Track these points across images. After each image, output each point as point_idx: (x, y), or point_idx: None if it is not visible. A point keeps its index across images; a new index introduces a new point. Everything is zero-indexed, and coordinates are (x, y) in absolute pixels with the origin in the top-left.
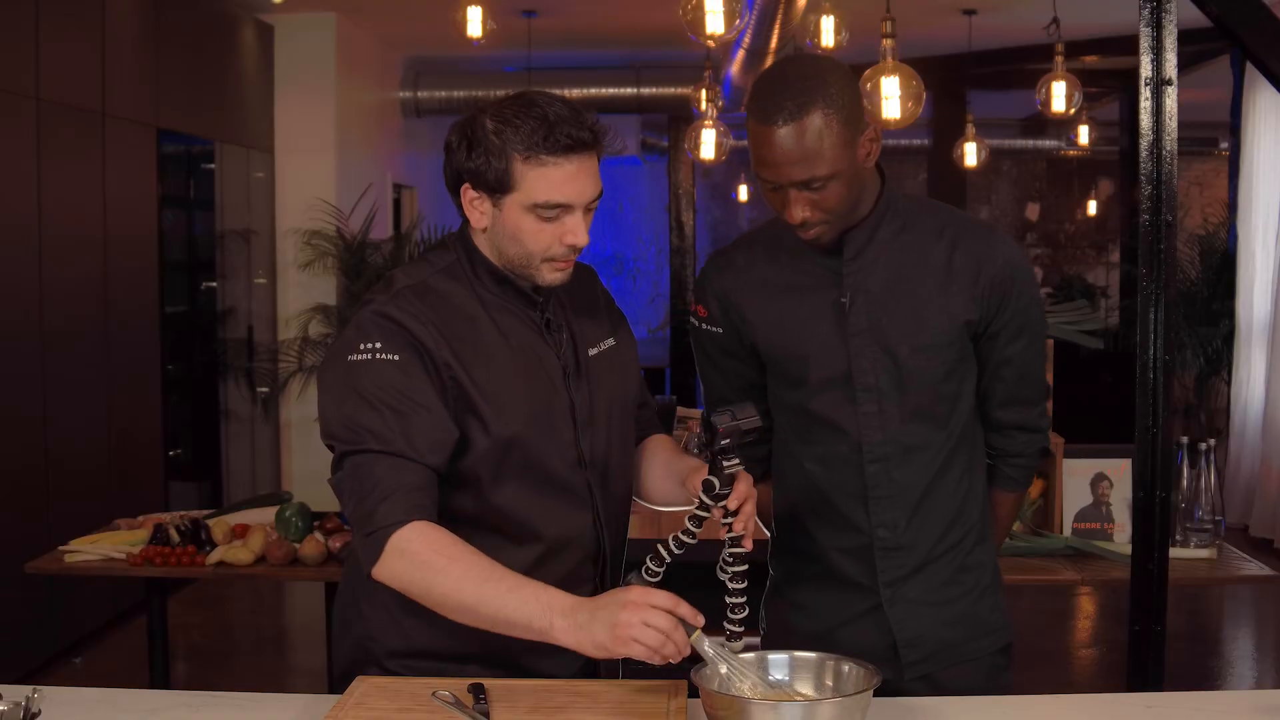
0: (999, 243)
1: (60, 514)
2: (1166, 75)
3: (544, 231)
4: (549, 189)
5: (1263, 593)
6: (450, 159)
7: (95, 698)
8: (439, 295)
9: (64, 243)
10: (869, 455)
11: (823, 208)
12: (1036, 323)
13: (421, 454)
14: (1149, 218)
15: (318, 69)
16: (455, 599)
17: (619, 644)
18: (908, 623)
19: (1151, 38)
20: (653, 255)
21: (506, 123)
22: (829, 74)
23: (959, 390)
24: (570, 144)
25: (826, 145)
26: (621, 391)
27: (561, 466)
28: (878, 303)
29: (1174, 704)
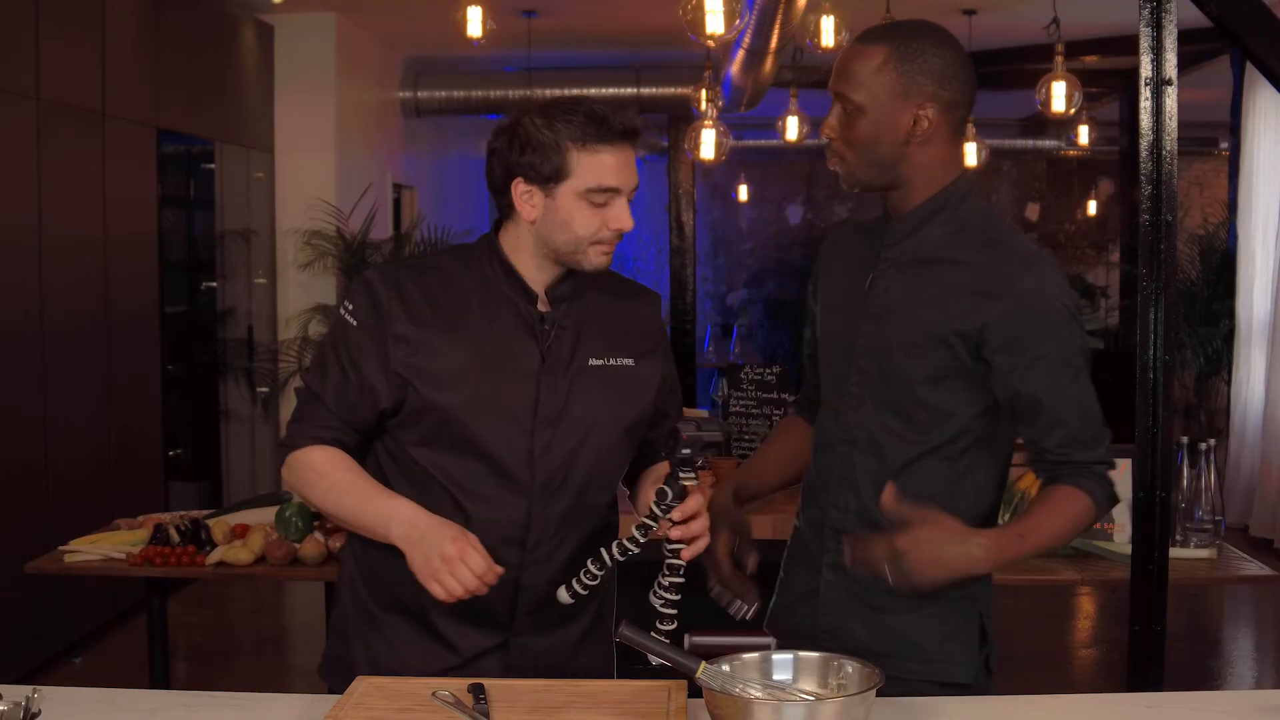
0: (1032, 275)
1: (60, 514)
2: (1166, 75)
3: (594, 216)
4: (602, 174)
5: (1263, 593)
6: (499, 160)
7: (95, 698)
8: (439, 273)
9: (64, 243)
10: (841, 435)
11: (845, 137)
12: (1069, 359)
13: (335, 406)
14: (1149, 218)
15: (318, 69)
16: (326, 508)
17: (424, 577)
18: (833, 610)
19: (1151, 38)
20: (653, 255)
21: (557, 118)
22: (928, 37)
23: (948, 405)
24: (623, 130)
25: (871, 78)
26: (614, 407)
27: (506, 454)
28: (894, 292)
29: (1174, 704)
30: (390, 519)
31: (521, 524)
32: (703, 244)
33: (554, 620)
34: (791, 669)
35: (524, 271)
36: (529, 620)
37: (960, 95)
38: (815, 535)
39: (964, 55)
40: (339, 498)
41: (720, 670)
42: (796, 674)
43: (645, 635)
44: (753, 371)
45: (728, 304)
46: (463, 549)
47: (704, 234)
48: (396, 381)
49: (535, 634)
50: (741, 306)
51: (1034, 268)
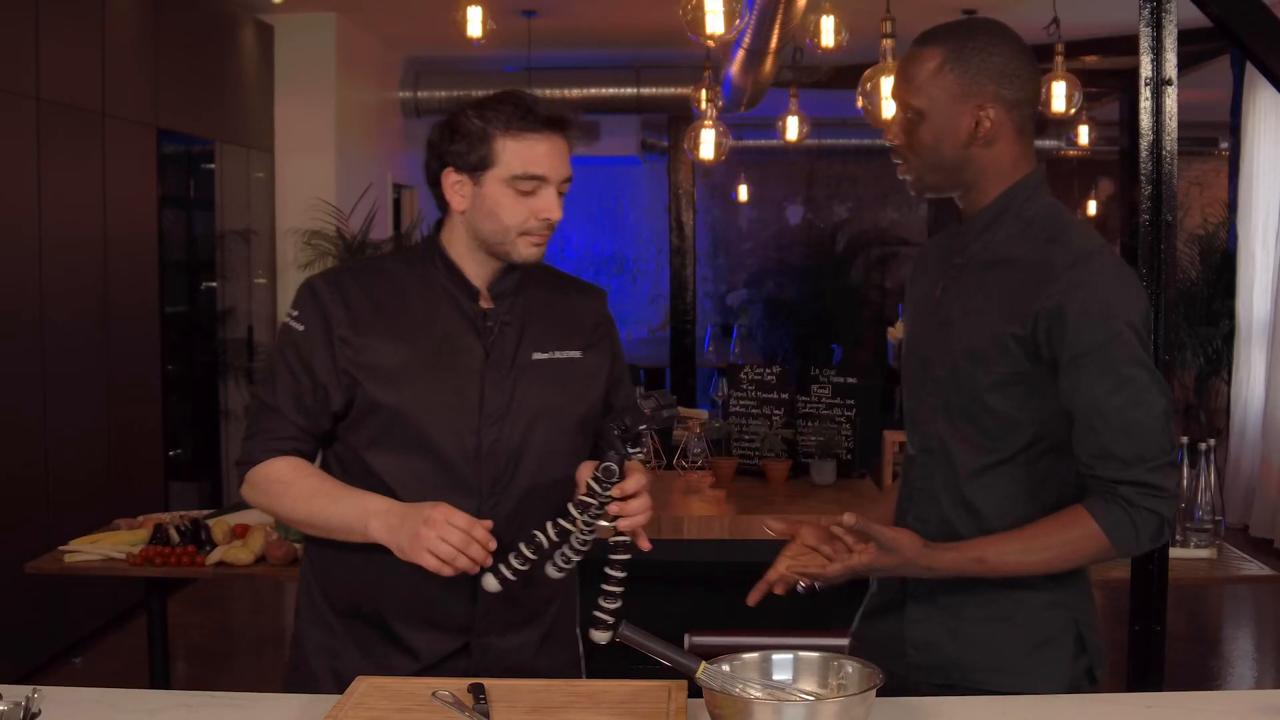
0: (1079, 270)
1: (60, 514)
2: (1166, 75)
3: (520, 205)
4: (526, 161)
5: (1263, 593)
6: (432, 151)
7: (95, 698)
8: (381, 275)
9: (64, 243)
10: (919, 445)
11: (909, 143)
12: (1111, 365)
13: (291, 414)
14: (1149, 218)
15: (318, 69)
16: (294, 516)
17: (415, 553)
18: (921, 625)
19: (1151, 38)
20: (653, 255)
21: (489, 108)
22: (985, 34)
23: (1016, 413)
24: (547, 118)
25: (928, 82)
26: (561, 401)
27: (453, 451)
28: (961, 298)
29: (1174, 704)
30: (366, 513)
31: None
32: (703, 244)
33: (516, 621)
34: (791, 669)
35: (465, 268)
36: (489, 621)
37: (1024, 92)
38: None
39: (1026, 50)
40: (308, 502)
41: (720, 670)
42: (796, 674)
43: (646, 635)
44: (753, 371)
45: (728, 304)
46: (444, 512)
47: (704, 234)
48: (346, 380)
49: (497, 635)
50: (741, 306)
51: (1084, 262)
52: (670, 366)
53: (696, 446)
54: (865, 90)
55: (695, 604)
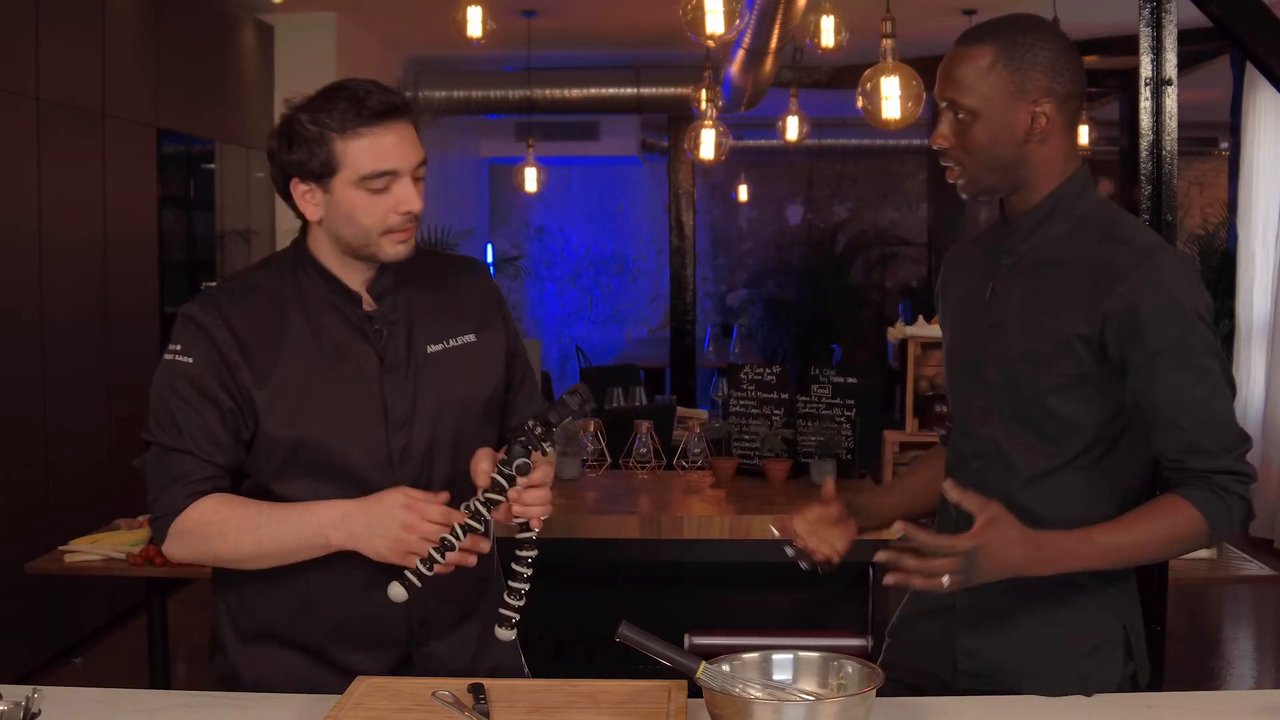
0: (1148, 267)
1: (60, 514)
2: (1166, 75)
3: (376, 204)
4: (372, 159)
5: (1263, 593)
6: (274, 161)
7: (95, 698)
8: (256, 293)
9: (64, 243)
10: (971, 449)
11: (962, 144)
12: (1189, 359)
13: (206, 451)
14: (1149, 218)
15: (318, 69)
16: (240, 552)
17: (400, 559)
18: (972, 631)
19: (1151, 38)
20: (653, 255)
21: (319, 109)
22: (1033, 31)
23: (1078, 415)
24: (382, 109)
25: (981, 80)
26: (464, 389)
27: (366, 464)
28: (1013, 299)
29: (1174, 704)
30: (321, 525)
31: None
32: (703, 244)
33: (453, 620)
34: (791, 669)
35: (339, 274)
36: (428, 628)
37: (1073, 86)
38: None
39: (1071, 44)
40: (254, 532)
41: (720, 670)
42: (796, 674)
43: (646, 635)
44: (753, 371)
45: (728, 304)
46: (419, 509)
47: (704, 234)
48: (246, 411)
49: (436, 639)
50: (741, 306)
51: (1150, 259)
52: (670, 366)
53: (696, 446)
54: (865, 90)
55: (695, 604)
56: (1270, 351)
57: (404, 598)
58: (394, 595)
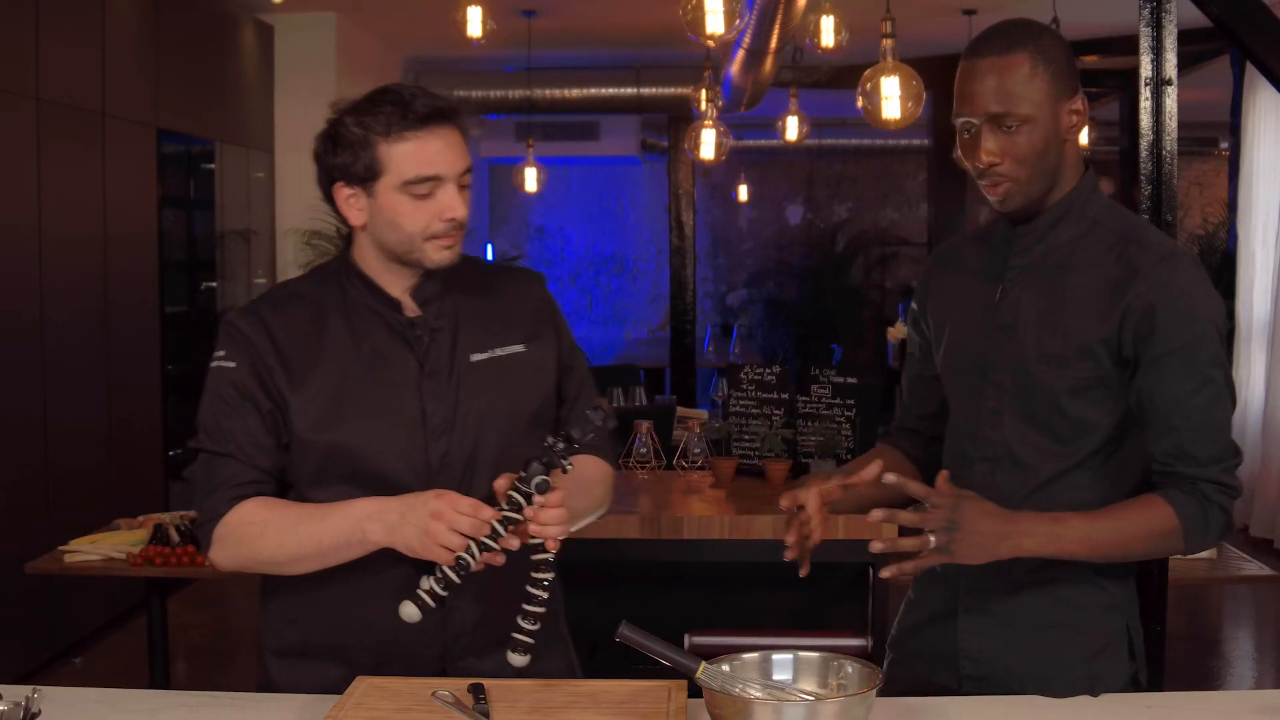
0: (1166, 268)
1: (60, 514)
2: (1166, 75)
3: (420, 210)
4: (417, 163)
5: (1263, 593)
6: (319, 165)
7: (95, 698)
8: (298, 300)
9: (64, 243)
10: (979, 453)
11: (1013, 155)
12: (1196, 365)
13: (249, 455)
14: (1149, 218)
15: (318, 69)
16: (283, 553)
17: (427, 550)
18: (975, 635)
19: (1151, 38)
20: (653, 255)
21: (366, 112)
22: (1045, 32)
23: (1090, 415)
24: (427, 114)
25: (1028, 88)
26: (510, 400)
27: (402, 472)
28: (1025, 302)
29: (1174, 704)
30: (359, 519)
31: None
32: (703, 244)
33: (496, 639)
34: (791, 669)
35: (381, 281)
36: (463, 645)
37: (1078, 81)
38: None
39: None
40: (294, 531)
41: (720, 670)
42: (796, 674)
43: (646, 635)
44: (753, 371)
45: (728, 304)
46: (449, 500)
47: (704, 234)
48: (284, 413)
49: (475, 657)
50: (741, 306)
51: (1168, 262)
52: (670, 366)
53: (696, 446)
54: (865, 90)
55: (695, 604)
56: (1270, 351)
57: (417, 618)
58: (406, 615)
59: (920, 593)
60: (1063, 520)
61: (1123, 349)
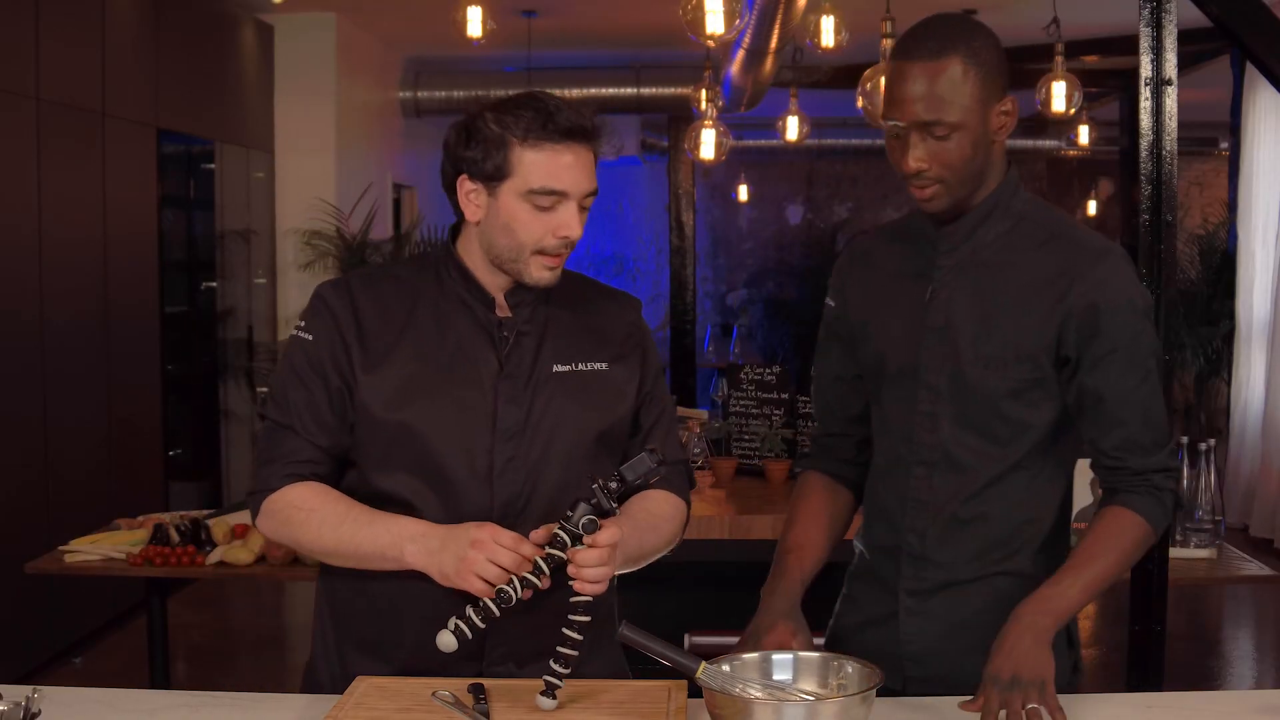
0: (1104, 266)
1: (60, 514)
2: (1166, 75)
3: (537, 221)
4: (546, 174)
5: (1263, 593)
6: (448, 155)
7: (95, 698)
8: (391, 280)
9: (64, 243)
10: (915, 457)
11: (942, 161)
12: (1138, 358)
13: (310, 430)
14: (1149, 218)
15: (318, 69)
16: (320, 545)
17: (462, 578)
18: (919, 638)
19: (1151, 38)
20: (653, 255)
21: (508, 112)
22: (977, 31)
23: (1028, 416)
24: (569, 128)
25: (959, 93)
26: (584, 415)
27: (462, 470)
28: (957, 303)
29: (1174, 704)
30: (401, 538)
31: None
32: (703, 244)
33: (537, 650)
34: (791, 669)
35: (480, 276)
36: (500, 653)
37: (1007, 80)
38: (888, 560)
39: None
40: (336, 529)
41: (720, 670)
42: (796, 674)
43: (646, 635)
44: (753, 371)
45: (728, 304)
46: (491, 531)
47: (704, 234)
48: (354, 394)
49: (517, 666)
50: (741, 306)
51: (1107, 258)
52: (670, 366)
53: (696, 446)
54: (865, 90)
55: (695, 604)
56: (1270, 351)
57: (453, 647)
58: (443, 644)
59: (857, 590)
60: (1058, 584)
61: (1063, 349)
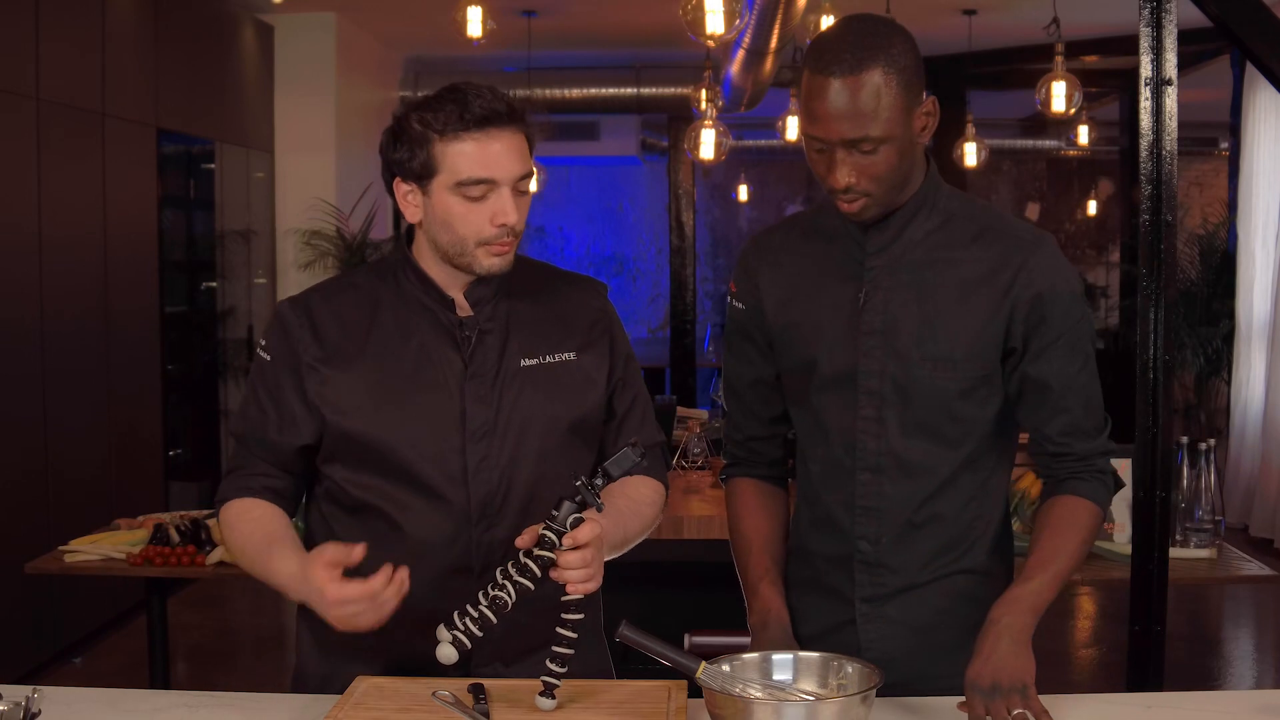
0: (1042, 255)
1: (60, 514)
2: (1166, 75)
3: (472, 213)
4: (470, 165)
5: (1263, 593)
6: (382, 159)
7: (95, 698)
8: (353, 290)
9: (64, 243)
10: (861, 463)
11: (870, 174)
12: (1079, 344)
13: (260, 450)
14: (1149, 218)
15: (318, 69)
16: (244, 567)
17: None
18: (879, 643)
19: (1151, 38)
20: (653, 255)
21: (428, 109)
22: (893, 35)
23: (977, 413)
24: (485, 115)
25: (883, 105)
26: (554, 407)
27: (435, 474)
28: (895, 303)
29: (1174, 704)
30: (284, 584)
31: (465, 550)
32: (703, 244)
33: (526, 648)
34: (791, 669)
35: (437, 278)
36: (489, 652)
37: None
38: (838, 569)
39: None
40: (239, 555)
41: (720, 670)
42: (796, 674)
43: (646, 635)
44: None
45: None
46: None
47: (704, 234)
48: (316, 414)
49: (504, 665)
50: None
51: (1039, 249)
52: (670, 366)
53: (696, 446)
54: None
55: (695, 604)
56: (1270, 351)
57: (454, 658)
58: (443, 657)
59: (806, 604)
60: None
61: (1010, 340)
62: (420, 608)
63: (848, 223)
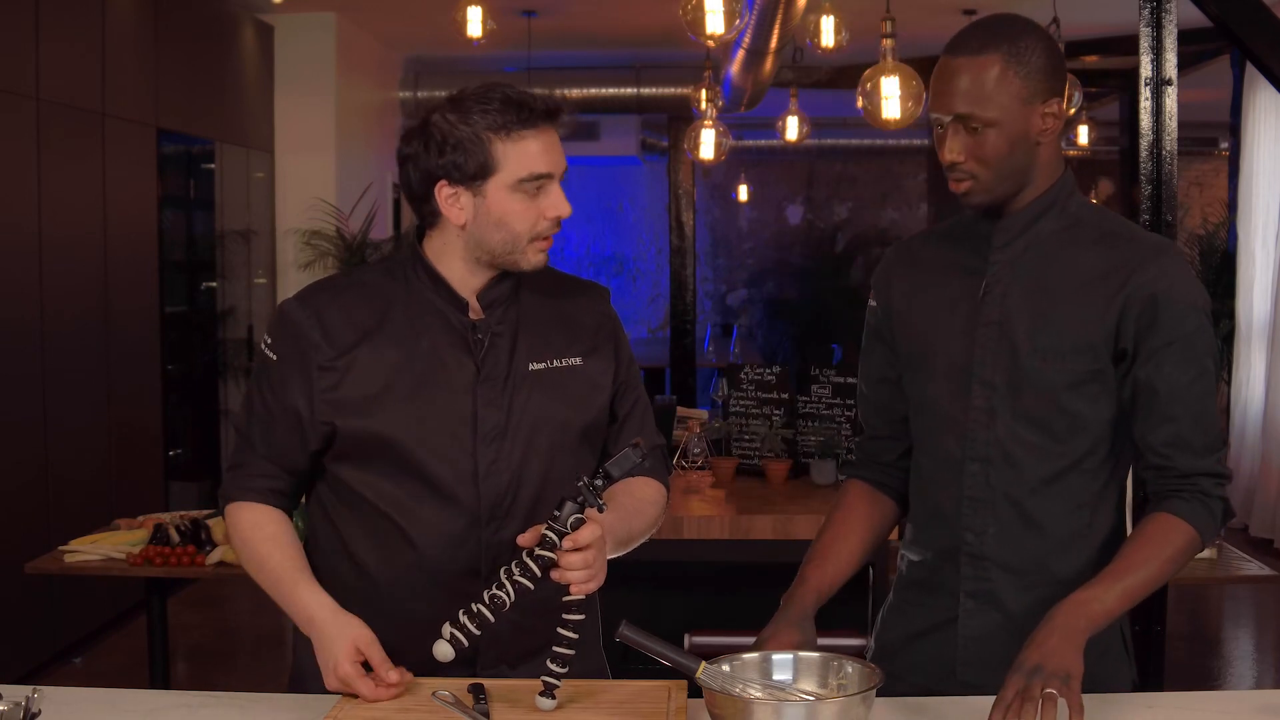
0: (1163, 260)
1: (60, 514)
2: (1166, 75)
3: (529, 209)
4: (534, 161)
5: (1263, 593)
6: (415, 166)
7: (95, 698)
8: (360, 288)
9: (64, 243)
10: (970, 453)
11: (977, 155)
12: (1193, 355)
13: (264, 450)
14: (1149, 218)
15: (318, 69)
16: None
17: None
18: (976, 640)
19: (1151, 38)
20: (653, 255)
21: (472, 110)
22: (1026, 32)
23: (1086, 410)
24: (544, 112)
25: (996, 90)
26: (563, 411)
27: (446, 475)
28: (1014, 296)
29: (1174, 704)
30: (295, 613)
31: (474, 551)
32: (703, 244)
33: (530, 649)
34: (791, 669)
35: (452, 278)
36: (494, 654)
37: (1064, 83)
38: (946, 563)
39: (1055, 42)
40: (257, 572)
41: (720, 670)
42: (796, 674)
43: (646, 635)
44: (753, 371)
45: (728, 304)
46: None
47: (704, 234)
48: (324, 414)
49: (509, 666)
50: (741, 306)
51: (1164, 254)
52: (670, 366)
53: (696, 446)
54: (865, 90)
55: (695, 604)
56: (1270, 351)
57: (450, 656)
58: (440, 654)
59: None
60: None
61: (1120, 340)
62: (424, 609)
63: (979, 223)
